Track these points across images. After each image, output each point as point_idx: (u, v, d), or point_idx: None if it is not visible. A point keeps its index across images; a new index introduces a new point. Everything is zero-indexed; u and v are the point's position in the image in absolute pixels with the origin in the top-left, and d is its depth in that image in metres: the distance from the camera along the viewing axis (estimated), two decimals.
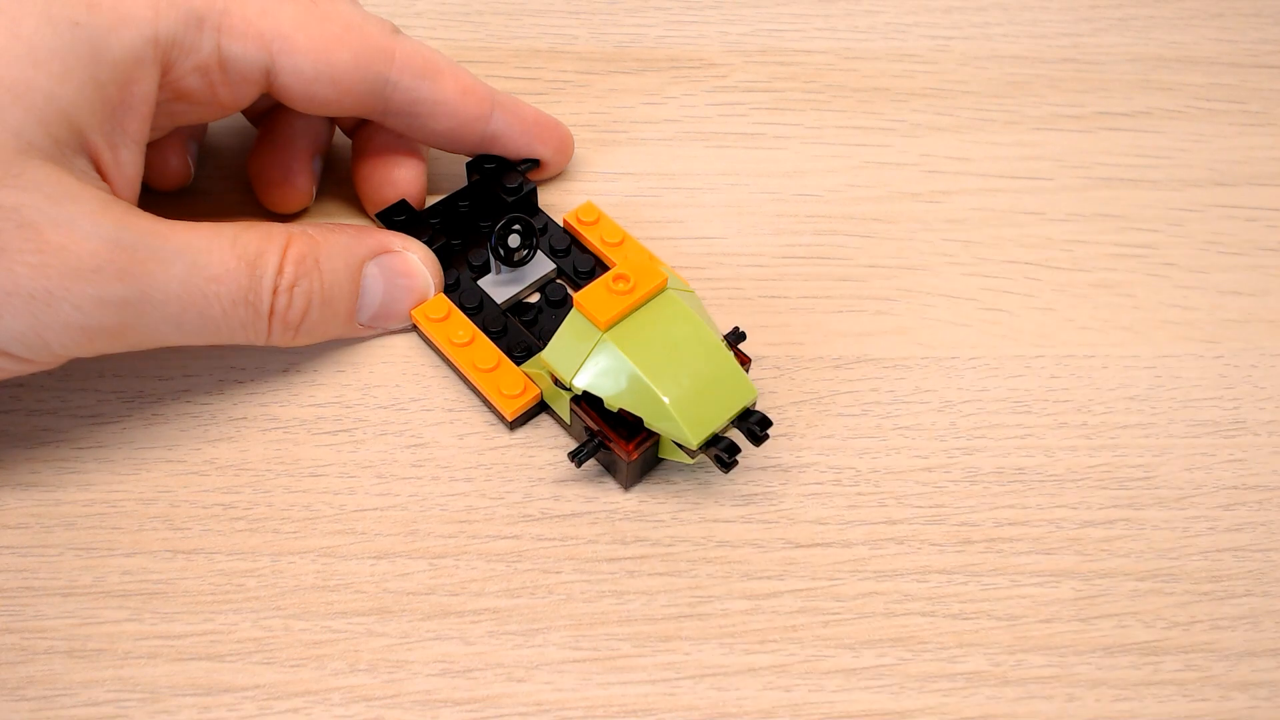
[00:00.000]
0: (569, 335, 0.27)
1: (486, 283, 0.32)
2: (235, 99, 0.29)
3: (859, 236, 0.34)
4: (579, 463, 0.27)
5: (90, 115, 0.25)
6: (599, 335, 0.26)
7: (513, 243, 0.31)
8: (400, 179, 0.32)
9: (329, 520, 0.27)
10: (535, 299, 0.32)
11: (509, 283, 0.32)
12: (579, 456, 0.27)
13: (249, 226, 0.28)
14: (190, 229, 0.26)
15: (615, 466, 0.28)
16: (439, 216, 0.32)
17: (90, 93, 0.25)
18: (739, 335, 0.29)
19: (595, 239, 0.32)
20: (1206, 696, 0.25)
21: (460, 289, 0.31)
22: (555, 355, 0.27)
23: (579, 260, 0.32)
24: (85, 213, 0.24)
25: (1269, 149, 0.37)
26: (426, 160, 0.34)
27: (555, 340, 0.27)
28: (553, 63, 0.38)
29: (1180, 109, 0.38)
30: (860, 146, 0.36)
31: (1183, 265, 0.33)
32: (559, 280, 0.32)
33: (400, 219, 0.32)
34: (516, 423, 0.29)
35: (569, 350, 0.26)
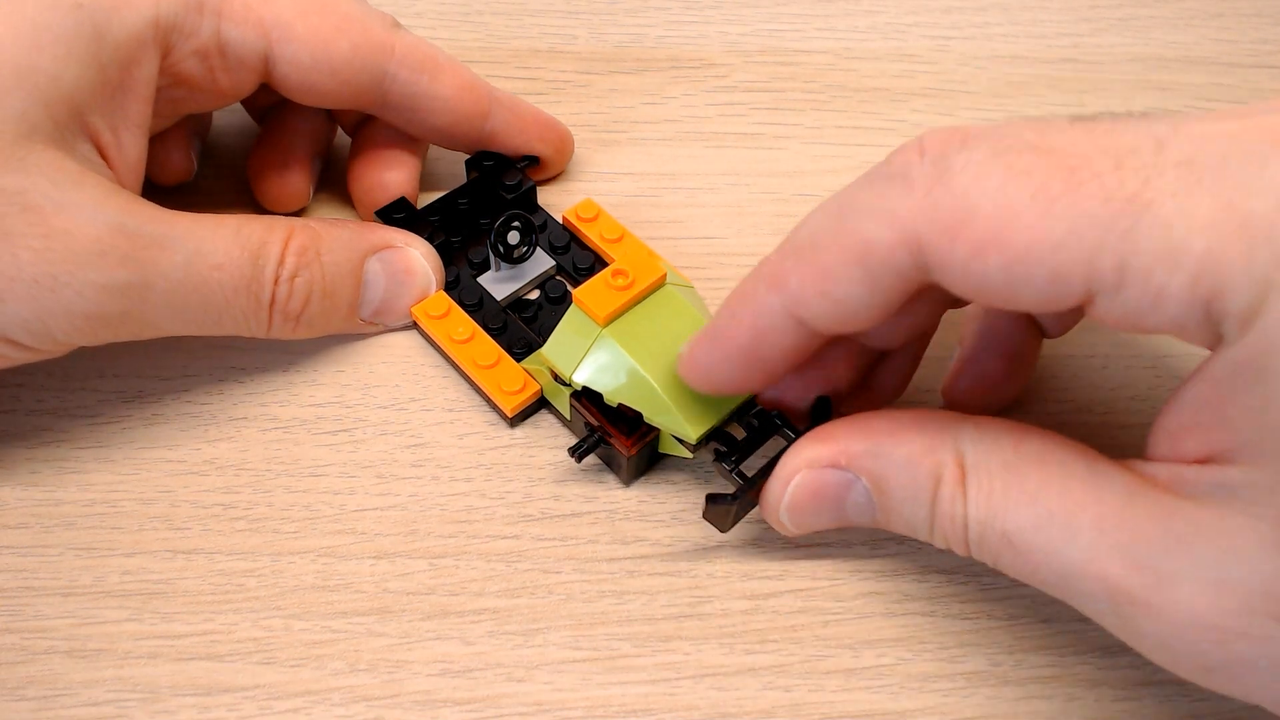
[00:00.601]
0: (568, 331, 0.27)
1: (486, 280, 0.32)
2: (234, 85, 0.29)
3: None
4: (579, 458, 0.27)
5: (92, 98, 0.25)
6: (598, 331, 0.26)
7: (512, 240, 0.31)
8: (391, 182, 0.32)
9: (329, 520, 0.27)
10: (535, 296, 0.32)
11: (508, 280, 0.32)
12: (579, 452, 0.27)
13: (252, 218, 0.28)
14: (194, 218, 0.27)
15: (615, 462, 0.28)
16: (438, 214, 0.32)
17: (92, 75, 0.25)
18: None
19: (594, 235, 0.32)
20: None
21: (460, 286, 0.31)
22: (555, 351, 0.27)
23: (578, 257, 0.32)
24: (89, 198, 0.24)
25: None
26: (421, 164, 0.34)
27: (555, 336, 0.27)
28: (553, 63, 0.38)
29: (1180, 109, 0.38)
30: (860, 146, 0.36)
31: None
32: (558, 277, 0.32)
33: (400, 216, 0.32)
34: (517, 419, 0.29)
35: (568, 346, 0.26)
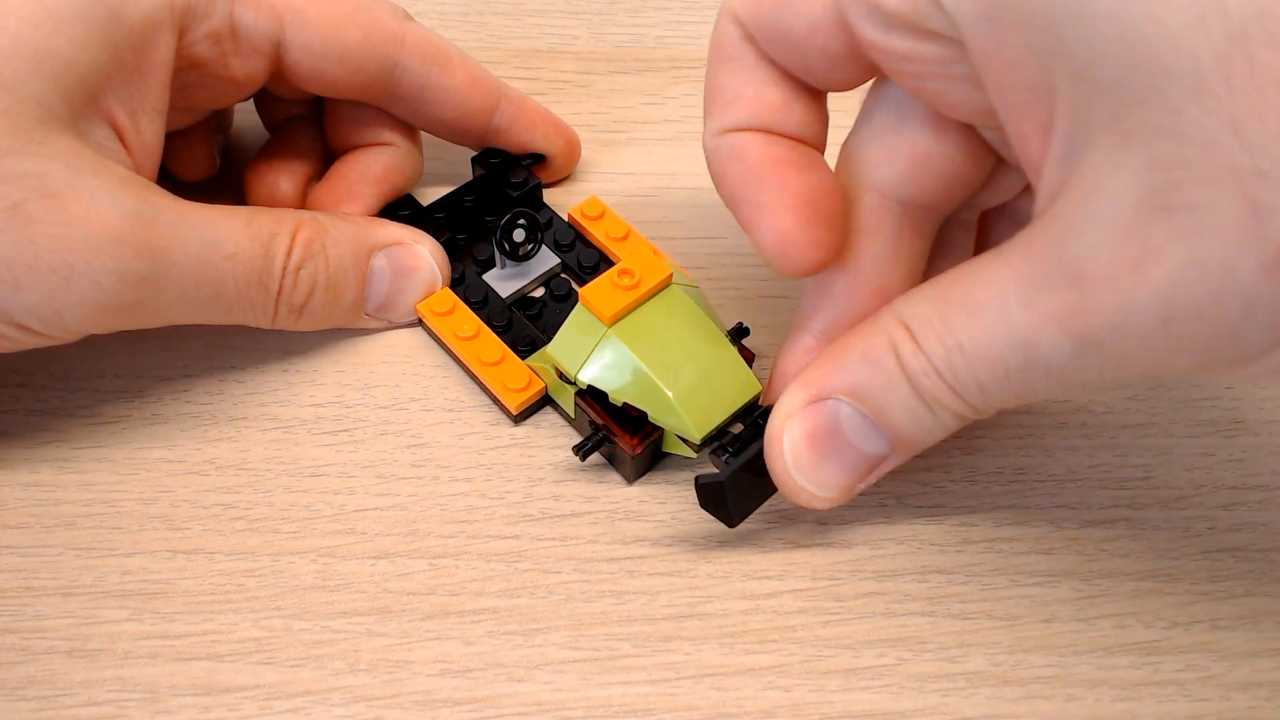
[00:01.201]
0: (574, 330, 0.27)
1: (491, 277, 0.32)
2: (247, 72, 0.29)
3: None
4: (583, 457, 0.27)
5: (109, 82, 0.25)
6: (604, 330, 0.26)
7: (518, 237, 0.31)
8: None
9: (329, 520, 0.27)
10: (540, 293, 0.32)
11: (513, 277, 0.32)
12: (583, 450, 0.27)
13: (262, 210, 0.28)
14: (206, 208, 0.27)
15: (619, 460, 0.28)
16: (444, 211, 0.33)
17: (109, 58, 0.25)
18: (743, 330, 0.29)
19: (600, 234, 0.32)
20: (1206, 696, 0.25)
21: (465, 283, 0.31)
22: (560, 349, 0.27)
23: (583, 255, 0.32)
24: (105, 185, 0.24)
25: None
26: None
27: (560, 335, 0.27)
28: (553, 63, 0.38)
29: None
30: None
31: None
32: (563, 275, 0.32)
33: (405, 213, 0.32)
34: (521, 416, 0.29)
35: (574, 345, 0.26)
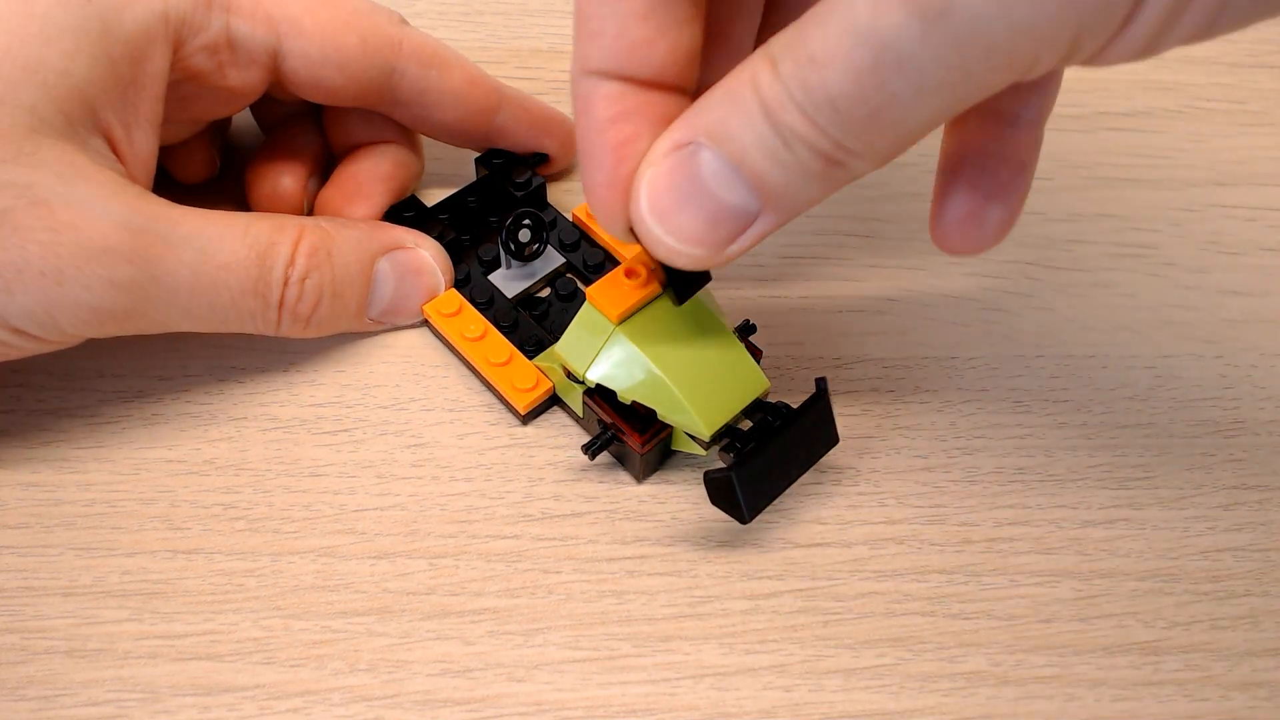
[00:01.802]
0: (582, 329, 0.27)
1: (496, 277, 0.32)
2: (244, 83, 0.29)
3: (859, 236, 0.34)
4: (592, 455, 0.27)
5: (103, 93, 0.25)
6: (611, 328, 0.26)
7: (523, 237, 0.31)
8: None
9: (329, 520, 0.27)
10: (545, 293, 0.32)
11: (519, 277, 0.32)
12: (592, 450, 0.27)
13: (261, 216, 0.28)
14: (202, 215, 0.26)
15: (628, 460, 0.28)
16: (448, 212, 0.33)
17: (103, 70, 0.25)
18: (750, 328, 0.29)
19: (604, 233, 0.32)
20: (1206, 696, 0.25)
21: (470, 284, 0.31)
22: (568, 349, 0.27)
23: (588, 254, 0.32)
24: (97, 194, 0.24)
25: (1269, 149, 0.37)
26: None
27: (568, 334, 0.27)
28: (553, 63, 0.38)
29: (1180, 109, 0.38)
30: None
31: (1183, 265, 0.33)
32: (569, 275, 0.32)
33: (409, 215, 0.32)
34: (529, 417, 0.29)
35: (582, 344, 0.26)
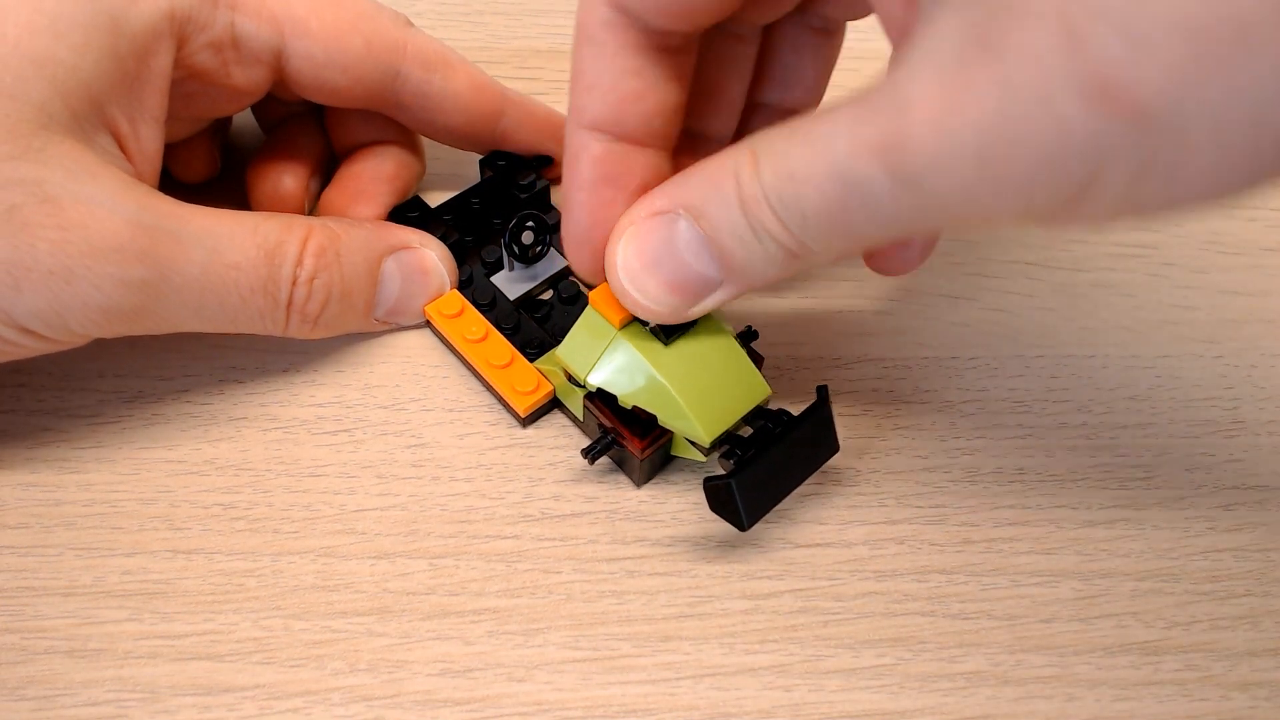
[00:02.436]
0: (584, 333, 0.26)
1: (499, 279, 0.32)
2: (248, 82, 0.29)
3: None
4: (592, 460, 0.27)
5: (110, 89, 0.25)
6: (614, 333, 0.26)
7: (527, 239, 0.31)
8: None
9: (329, 520, 0.27)
10: (548, 295, 0.32)
11: (522, 279, 0.32)
12: (592, 453, 0.27)
13: (269, 215, 0.28)
14: (212, 214, 0.26)
15: (628, 464, 0.28)
16: (452, 213, 0.33)
17: (110, 66, 0.25)
18: (751, 334, 0.29)
19: None
20: (1206, 696, 0.25)
21: (473, 285, 0.31)
22: (570, 352, 0.27)
23: None
24: (106, 191, 0.24)
25: None
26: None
27: (570, 337, 0.27)
28: (553, 63, 0.38)
29: None
30: None
31: (1183, 265, 0.33)
32: (571, 278, 0.32)
33: (413, 215, 0.32)
34: (529, 420, 0.29)
35: (584, 348, 0.26)
